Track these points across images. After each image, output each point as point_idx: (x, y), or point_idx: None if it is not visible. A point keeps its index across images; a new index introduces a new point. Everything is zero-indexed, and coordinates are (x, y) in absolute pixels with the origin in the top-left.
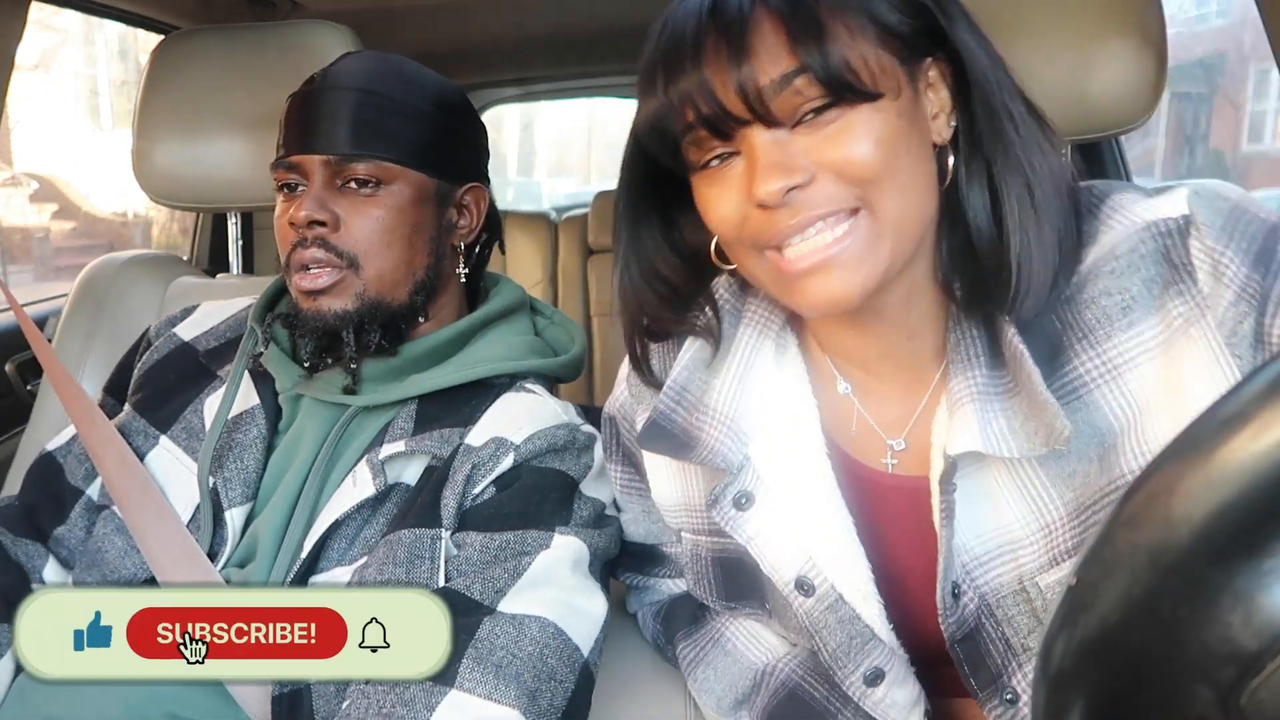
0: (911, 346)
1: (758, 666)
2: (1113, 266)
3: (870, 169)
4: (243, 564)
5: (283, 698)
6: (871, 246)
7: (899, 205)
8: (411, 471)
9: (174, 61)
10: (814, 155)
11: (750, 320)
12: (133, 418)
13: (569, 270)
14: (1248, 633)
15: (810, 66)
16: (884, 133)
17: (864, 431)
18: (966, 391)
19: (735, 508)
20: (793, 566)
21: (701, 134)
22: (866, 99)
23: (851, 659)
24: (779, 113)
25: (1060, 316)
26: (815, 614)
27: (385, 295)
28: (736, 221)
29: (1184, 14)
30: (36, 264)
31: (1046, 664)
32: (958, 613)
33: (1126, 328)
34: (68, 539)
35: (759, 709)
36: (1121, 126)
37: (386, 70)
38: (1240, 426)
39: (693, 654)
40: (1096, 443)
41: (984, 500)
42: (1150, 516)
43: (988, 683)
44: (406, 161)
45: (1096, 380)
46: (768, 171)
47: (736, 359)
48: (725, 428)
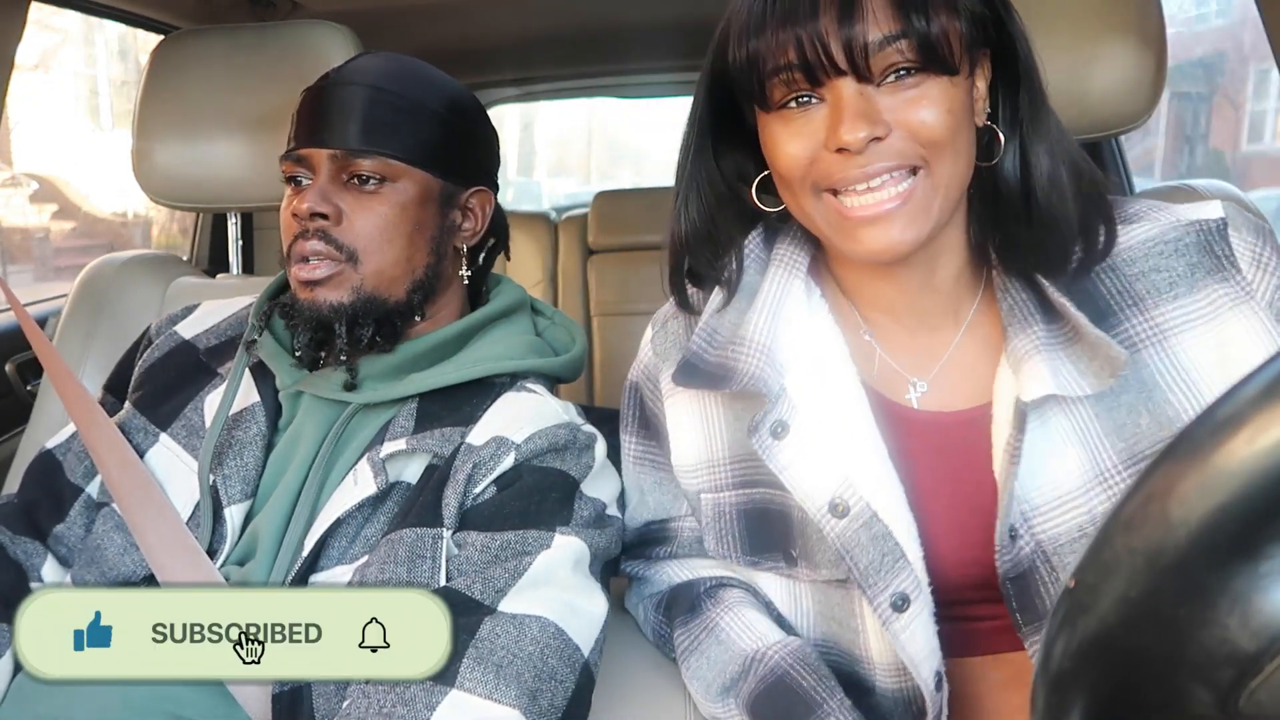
0: (935, 301)
1: (747, 653)
2: (1161, 249)
3: (939, 133)
4: (242, 562)
5: (282, 697)
6: (926, 204)
7: (951, 170)
8: (412, 470)
9: (174, 61)
10: (893, 113)
11: (779, 262)
12: (133, 415)
13: (569, 270)
14: (1246, 634)
15: (911, 33)
16: (953, 104)
17: (886, 372)
18: (1031, 344)
19: (772, 436)
20: (826, 490)
21: (796, 76)
22: (947, 72)
23: (882, 578)
24: (874, 69)
25: (1108, 284)
26: (848, 534)
27: (382, 291)
28: (806, 161)
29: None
30: (36, 264)
31: (1046, 664)
32: (1013, 554)
33: (1172, 300)
34: (67, 537)
35: (745, 695)
36: (1121, 126)
37: (400, 70)
38: (1237, 429)
39: (687, 642)
40: (1145, 397)
41: (1045, 453)
42: (1148, 519)
43: (1033, 619)
44: (412, 160)
45: (1144, 341)
46: (856, 119)
47: (769, 296)
48: (763, 356)
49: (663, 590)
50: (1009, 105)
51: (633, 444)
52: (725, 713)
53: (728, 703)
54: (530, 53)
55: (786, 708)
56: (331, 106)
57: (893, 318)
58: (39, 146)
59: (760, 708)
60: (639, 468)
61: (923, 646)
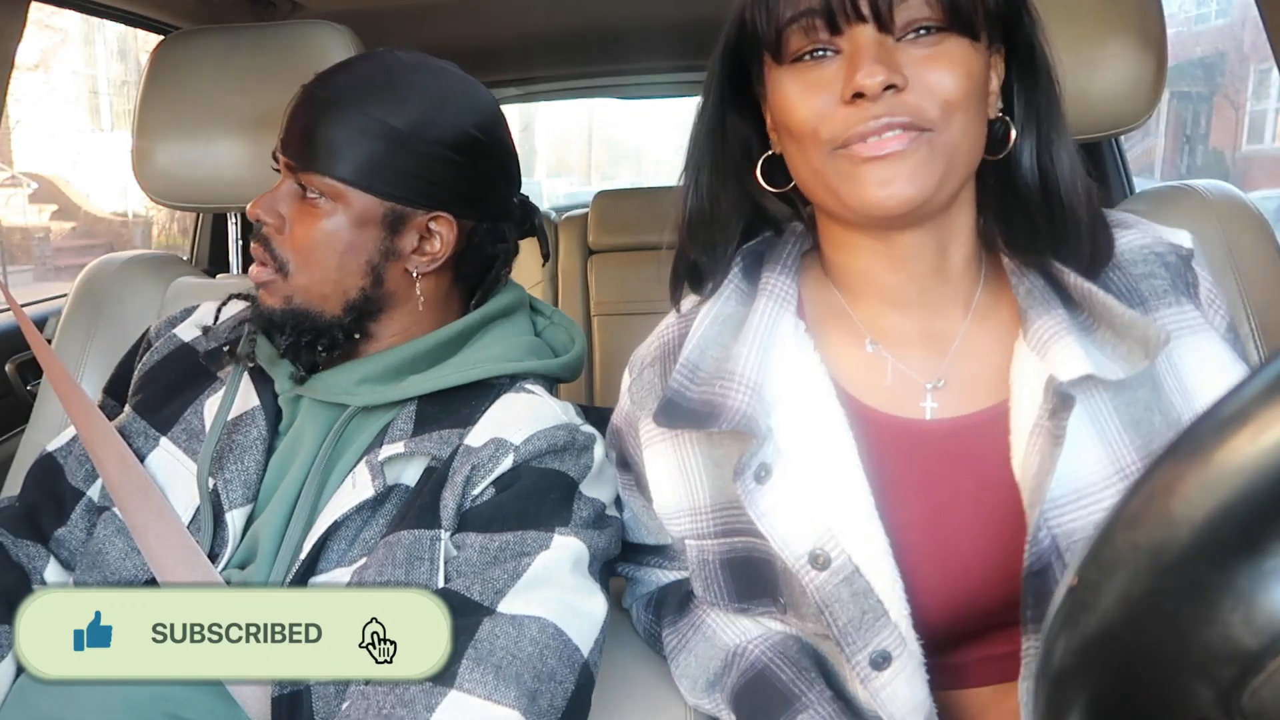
0: (943, 291)
1: (730, 648)
2: (1152, 258)
3: (955, 93)
4: (243, 565)
5: (283, 698)
6: (929, 163)
7: (961, 137)
8: (411, 472)
9: (174, 61)
10: (912, 68)
11: (767, 293)
12: (133, 419)
13: (569, 270)
14: (1248, 632)
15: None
16: (973, 69)
17: (899, 380)
18: (1057, 327)
19: (755, 480)
20: (807, 540)
21: (816, 22)
22: (969, 34)
23: (861, 635)
24: (896, 20)
25: (1117, 282)
26: (828, 588)
27: (314, 306)
28: (820, 115)
29: (1184, 14)
30: (36, 264)
31: (1047, 663)
32: (1037, 547)
33: (1167, 305)
34: (68, 540)
35: (729, 688)
36: (1121, 126)
37: (377, 83)
38: (1240, 426)
39: (675, 641)
40: (1156, 395)
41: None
42: (1150, 516)
43: (1041, 617)
44: (354, 182)
45: None
46: (874, 64)
47: (758, 328)
48: (751, 392)
49: (651, 591)
50: (1023, 102)
51: (620, 476)
52: (713, 706)
53: (714, 697)
54: (530, 53)
55: (766, 700)
56: (296, 115)
57: (900, 312)
58: (39, 146)
59: (742, 701)
60: (629, 494)
61: (905, 703)
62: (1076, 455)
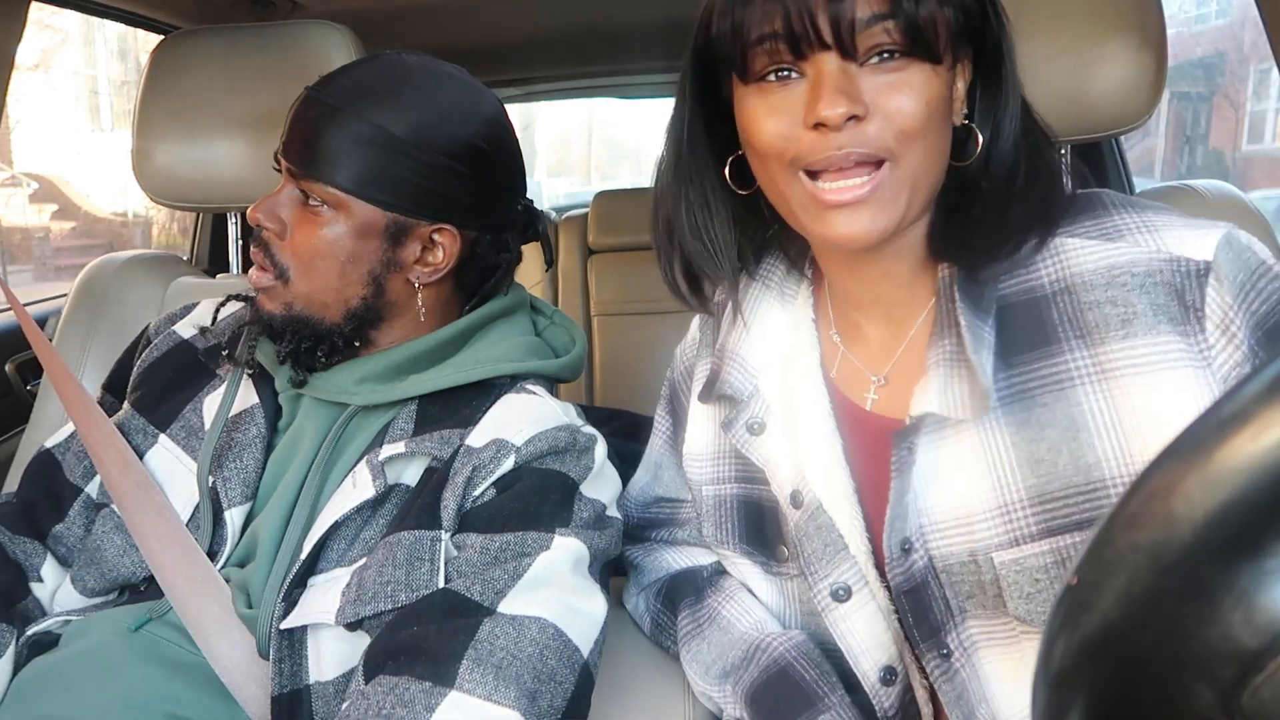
0: (899, 295)
1: (749, 638)
2: (1125, 280)
3: (914, 123)
4: (242, 563)
5: (282, 698)
6: (894, 195)
7: (921, 163)
8: (411, 472)
9: (174, 61)
10: (872, 95)
11: (761, 277)
12: (132, 416)
13: (569, 270)
14: (1249, 631)
15: (901, 14)
16: (933, 95)
17: (849, 371)
18: (935, 358)
19: (749, 432)
20: (790, 481)
21: (780, 46)
22: (931, 59)
23: (823, 567)
24: (859, 47)
25: (1061, 308)
26: (800, 524)
27: (314, 313)
28: (783, 137)
29: (1184, 14)
30: (36, 264)
31: (1047, 664)
32: (905, 567)
33: (1122, 338)
34: (66, 537)
35: (745, 683)
36: (1121, 126)
37: (381, 90)
38: (1241, 425)
39: (691, 627)
40: (1070, 436)
41: (952, 470)
42: (1151, 515)
43: (928, 635)
44: (355, 191)
45: (1084, 377)
46: (836, 95)
47: (745, 309)
48: (737, 364)
49: (662, 578)
50: (985, 104)
51: (666, 424)
52: (720, 696)
53: (724, 687)
54: (530, 53)
55: (788, 699)
56: (299, 119)
57: (860, 312)
58: (39, 146)
59: (762, 696)
60: (665, 446)
61: (864, 639)
62: (964, 481)
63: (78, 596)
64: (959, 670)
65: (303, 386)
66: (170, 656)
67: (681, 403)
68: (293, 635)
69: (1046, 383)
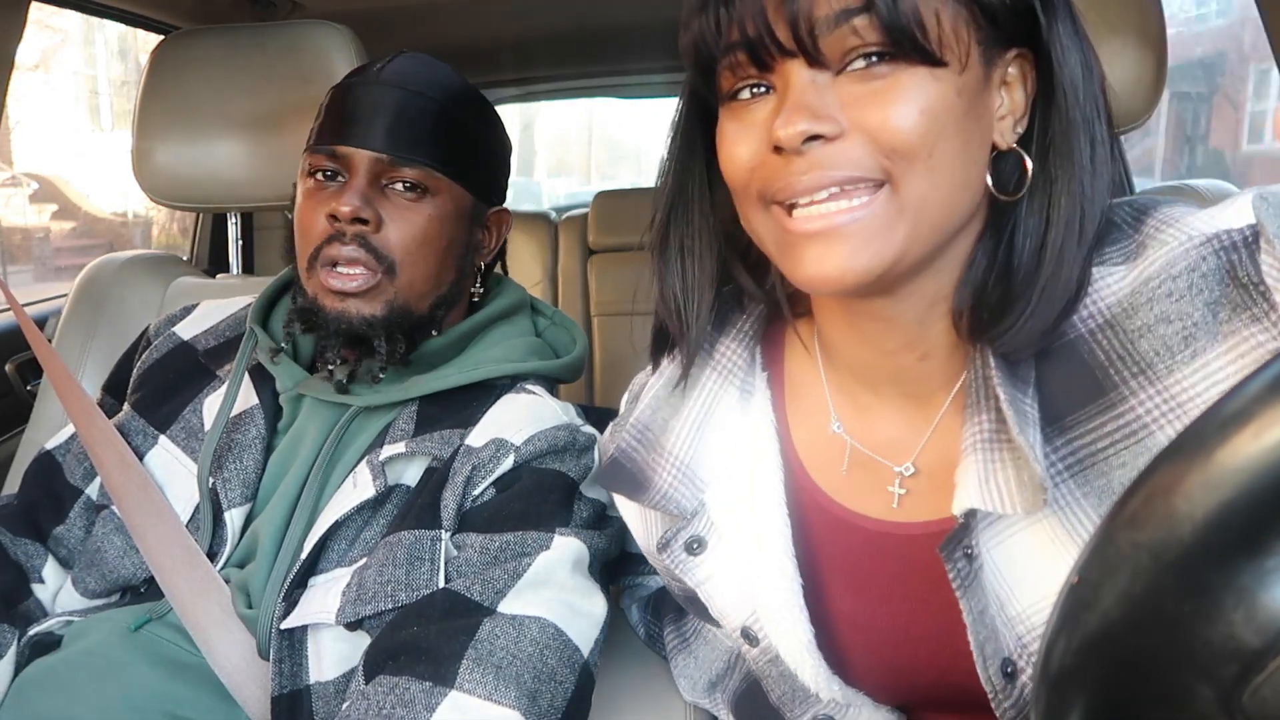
0: (922, 369)
1: (732, 650)
2: (1170, 289)
3: (908, 139)
4: (242, 564)
5: (282, 698)
6: (886, 226)
7: (926, 190)
8: (412, 473)
9: (174, 61)
10: (852, 109)
11: (716, 365)
12: (132, 417)
13: (569, 270)
14: (1250, 631)
15: (876, 7)
16: (935, 104)
17: (856, 468)
18: (971, 440)
19: (687, 552)
20: (739, 615)
21: (739, 58)
22: (927, 61)
23: (797, 706)
24: (827, 52)
25: (1106, 347)
26: (760, 664)
27: (412, 305)
28: (749, 165)
29: (1184, 14)
30: (36, 264)
31: (1047, 663)
32: (1014, 695)
33: (1190, 359)
34: (67, 538)
35: (730, 691)
36: (1121, 126)
37: (439, 78)
38: (1242, 425)
39: (676, 641)
40: None
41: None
42: (1152, 515)
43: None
44: (452, 174)
45: (1159, 420)
46: (794, 111)
47: (698, 403)
48: (679, 472)
49: (650, 591)
50: (1040, 129)
51: None
52: (712, 706)
53: (714, 697)
54: (530, 53)
55: (768, 705)
56: (375, 106)
57: (873, 390)
58: (39, 146)
59: (744, 703)
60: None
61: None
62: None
63: (79, 598)
64: None
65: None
66: (170, 657)
67: None
68: (293, 635)
69: (1116, 439)
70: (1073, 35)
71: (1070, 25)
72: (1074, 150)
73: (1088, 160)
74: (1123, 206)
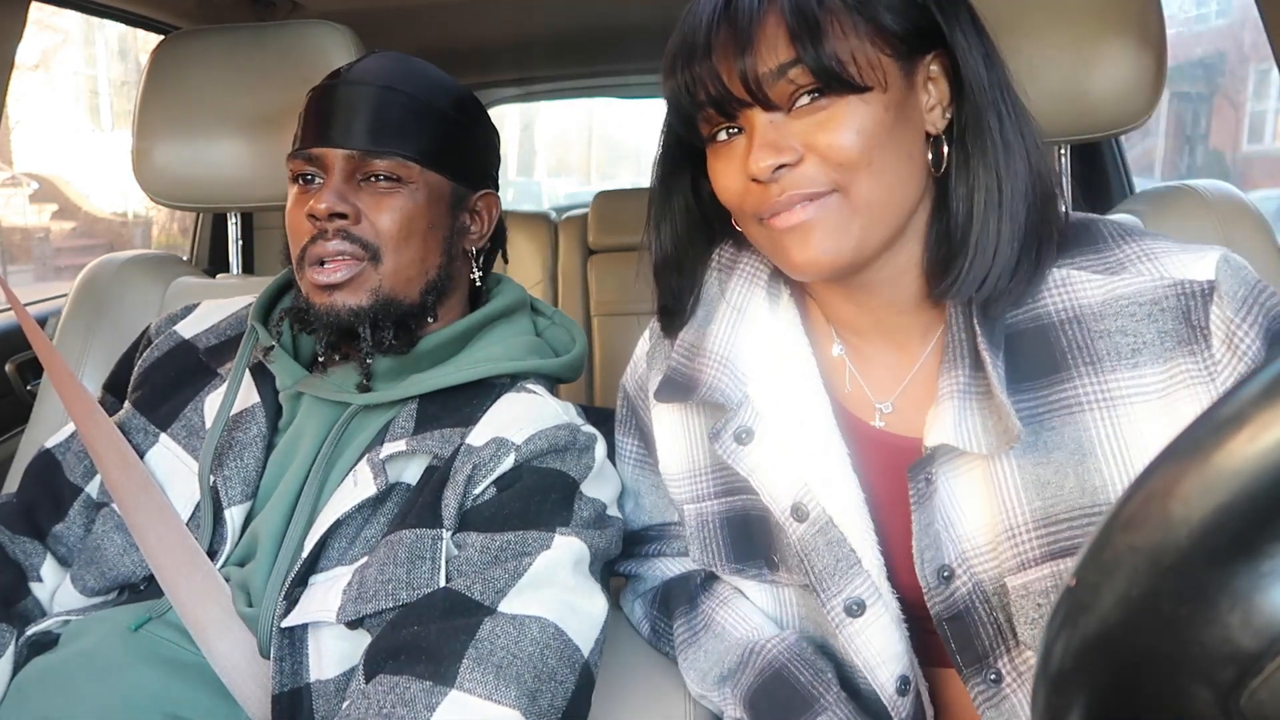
0: (900, 321)
1: (745, 643)
2: (1134, 310)
3: (849, 155)
4: (242, 563)
5: (282, 697)
6: (844, 221)
7: (872, 190)
8: (412, 471)
9: (174, 61)
10: (804, 138)
11: (742, 273)
12: (132, 415)
13: (569, 270)
14: (1247, 633)
15: (804, 59)
16: (867, 123)
17: (856, 390)
18: (948, 389)
19: (736, 442)
20: (789, 494)
21: (710, 113)
22: (854, 90)
23: (835, 582)
24: (776, 98)
25: (1070, 336)
26: (807, 538)
27: (399, 292)
28: (739, 192)
29: (1184, 14)
30: (36, 264)
31: (1046, 664)
32: (946, 595)
33: (1132, 367)
34: (66, 536)
35: (744, 686)
36: (1121, 126)
37: (409, 70)
38: (1238, 428)
39: (686, 635)
40: (1077, 460)
41: (972, 495)
42: (1148, 518)
43: (973, 661)
44: (425, 162)
45: (1092, 403)
46: (761, 150)
47: (730, 306)
48: (722, 367)
49: (656, 586)
50: (955, 117)
51: (631, 447)
52: (720, 699)
53: (724, 691)
54: (530, 53)
55: (785, 701)
56: (344, 106)
57: (861, 335)
58: (39, 146)
59: (759, 700)
60: (637, 470)
61: (880, 651)
62: (978, 508)
63: (77, 596)
64: (1009, 696)
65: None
66: (170, 656)
67: (645, 422)
68: (293, 634)
69: (1055, 408)
70: (974, 34)
71: (971, 25)
72: (984, 130)
73: (998, 137)
74: (1109, 224)
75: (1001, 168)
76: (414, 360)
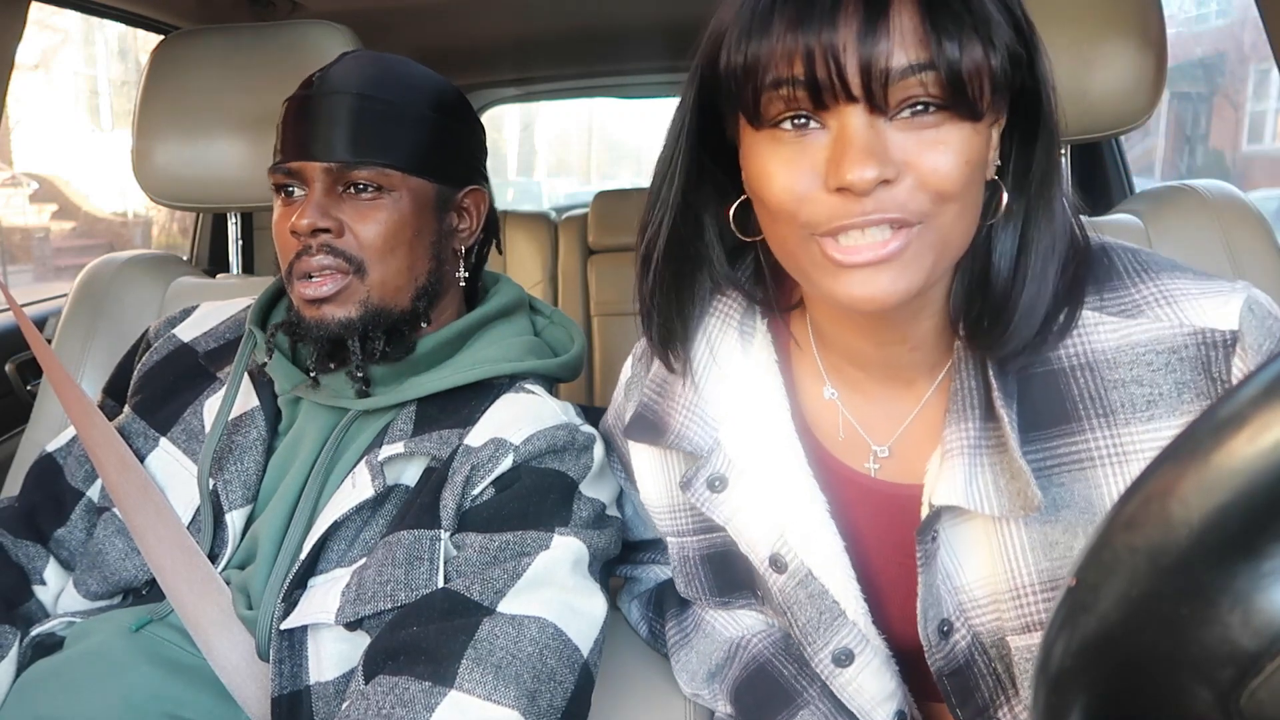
0: (913, 358)
1: (732, 640)
2: (1150, 360)
3: (950, 185)
4: (243, 566)
5: (282, 698)
6: (920, 258)
7: (953, 227)
8: (411, 473)
9: (174, 61)
10: (905, 154)
11: (715, 313)
12: (132, 419)
13: (569, 270)
14: (1247, 633)
15: (942, 64)
16: (973, 155)
17: (850, 434)
18: (958, 443)
19: (709, 489)
20: (767, 544)
21: (799, 94)
22: (971, 116)
23: (820, 635)
24: (890, 99)
25: (1082, 385)
26: (787, 590)
27: (388, 302)
28: (799, 197)
29: (1184, 14)
30: (36, 264)
31: (1046, 664)
32: (946, 650)
33: (1146, 420)
34: (68, 540)
35: (730, 680)
36: (1121, 126)
37: (385, 73)
38: (1238, 428)
39: (678, 636)
40: (1088, 519)
41: (975, 545)
42: (1149, 518)
43: (974, 715)
44: (406, 168)
45: (1104, 459)
46: (864, 155)
47: (700, 348)
48: (690, 412)
49: (652, 588)
50: (1022, 160)
51: (618, 468)
52: (711, 697)
53: (713, 687)
54: (530, 53)
55: (768, 694)
56: (322, 118)
57: (864, 371)
58: (39, 146)
59: (743, 694)
60: (628, 486)
61: (873, 695)
62: (978, 562)
63: (80, 599)
64: None
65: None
66: (171, 658)
67: (624, 454)
68: (293, 636)
69: (1065, 461)
70: (1047, 75)
71: (1044, 65)
72: (1052, 184)
73: (1057, 190)
74: (1125, 255)
75: (1059, 223)
76: (412, 363)
